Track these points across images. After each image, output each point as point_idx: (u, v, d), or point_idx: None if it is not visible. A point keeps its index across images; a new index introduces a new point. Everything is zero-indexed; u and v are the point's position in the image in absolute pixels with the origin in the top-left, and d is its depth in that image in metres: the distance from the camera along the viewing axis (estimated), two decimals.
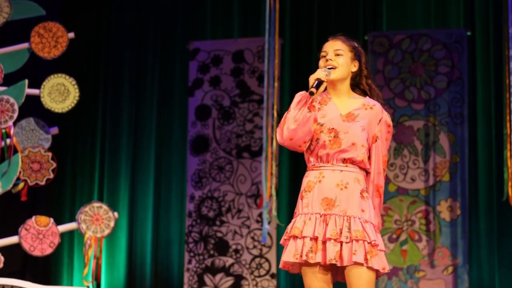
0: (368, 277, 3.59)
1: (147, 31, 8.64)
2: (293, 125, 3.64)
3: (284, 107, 8.12)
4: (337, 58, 3.75)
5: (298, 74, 8.23)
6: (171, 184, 8.37)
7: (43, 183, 7.28)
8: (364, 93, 3.85)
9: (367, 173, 3.76)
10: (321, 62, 3.78)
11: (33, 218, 7.12)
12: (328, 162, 3.69)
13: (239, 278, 7.93)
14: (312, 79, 3.66)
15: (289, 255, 3.64)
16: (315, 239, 3.60)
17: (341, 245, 3.58)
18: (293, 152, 8.06)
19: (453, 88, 7.64)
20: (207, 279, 7.96)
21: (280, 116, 7.84)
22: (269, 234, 7.76)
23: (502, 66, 7.24)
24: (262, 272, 7.87)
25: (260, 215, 7.83)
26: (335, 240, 3.58)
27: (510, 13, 6.85)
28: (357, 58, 3.81)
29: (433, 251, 7.41)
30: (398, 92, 7.66)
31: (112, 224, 7.24)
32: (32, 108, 7.52)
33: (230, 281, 7.93)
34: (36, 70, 8.09)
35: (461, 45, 7.69)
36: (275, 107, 7.09)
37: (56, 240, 7.11)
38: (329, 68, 3.72)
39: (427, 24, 8.01)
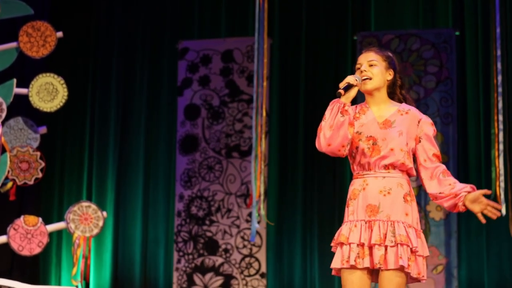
0: (400, 281, 3.70)
1: (136, 30, 8.63)
2: (329, 131, 3.74)
3: (273, 106, 8.13)
4: (371, 68, 3.85)
5: (287, 74, 8.23)
6: (160, 183, 8.35)
7: (31, 182, 7.25)
8: (400, 102, 3.93)
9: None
10: (356, 74, 3.86)
11: (22, 217, 7.10)
12: (370, 170, 3.79)
13: (228, 278, 7.92)
14: (342, 84, 3.76)
15: (337, 262, 3.76)
16: (361, 245, 3.71)
17: (386, 249, 3.68)
18: (282, 151, 8.11)
19: (442, 88, 7.66)
20: (196, 278, 7.95)
21: (268, 115, 7.84)
22: (258, 233, 7.75)
23: (490, 66, 7.26)
24: (252, 271, 7.86)
25: (250, 214, 7.82)
26: (379, 245, 3.68)
27: (498, 13, 6.88)
28: (392, 66, 3.89)
29: None
30: None
31: (100, 223, 7.22)
32: (21, 107, 7.49)
33: (219, 280, 7.92)
34: (25, 69, 8.06)
35: (450, 45, 7.71)
36: (264, 106, 7.08)
37: (45, 240, 7.08)
38: (364, 79, 3.81)
39: (415, 24, 8.02)
